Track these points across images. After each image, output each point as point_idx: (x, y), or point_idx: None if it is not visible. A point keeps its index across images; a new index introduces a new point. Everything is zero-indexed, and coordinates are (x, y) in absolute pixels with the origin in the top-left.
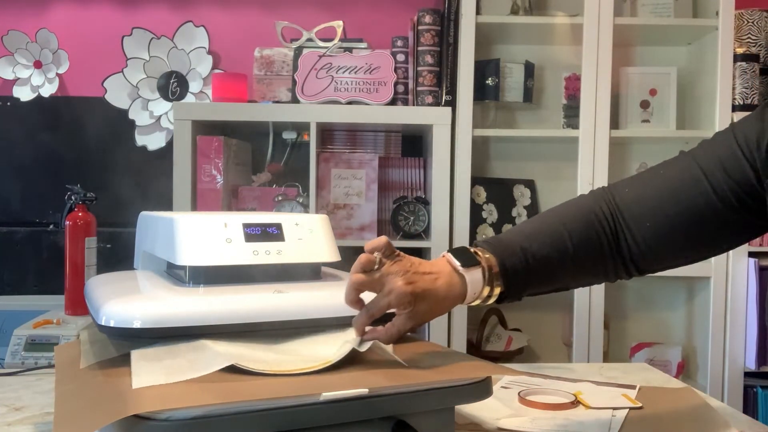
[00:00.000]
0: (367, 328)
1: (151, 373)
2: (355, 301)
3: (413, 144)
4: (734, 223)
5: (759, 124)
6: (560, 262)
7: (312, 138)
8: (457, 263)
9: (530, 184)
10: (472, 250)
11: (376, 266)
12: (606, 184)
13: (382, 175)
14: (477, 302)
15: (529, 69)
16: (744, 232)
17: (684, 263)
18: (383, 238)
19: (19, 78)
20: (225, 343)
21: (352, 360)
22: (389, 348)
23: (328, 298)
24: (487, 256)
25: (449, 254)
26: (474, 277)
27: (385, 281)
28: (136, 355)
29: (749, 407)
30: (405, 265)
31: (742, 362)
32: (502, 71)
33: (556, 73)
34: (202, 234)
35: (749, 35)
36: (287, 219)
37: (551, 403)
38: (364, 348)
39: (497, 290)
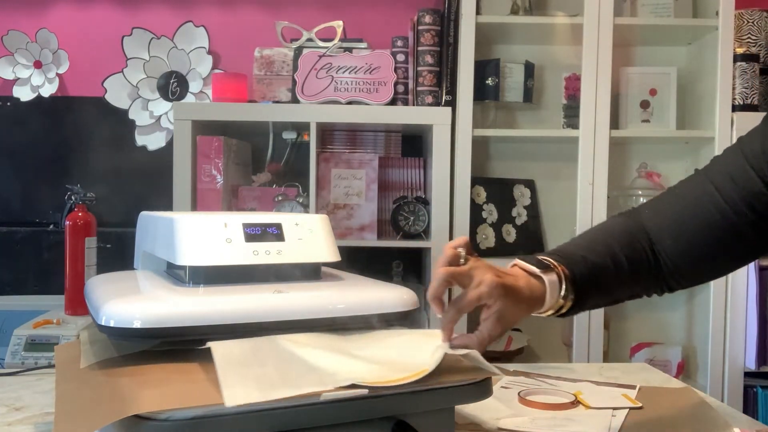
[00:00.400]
0: (455, 334)
1: (244, 386)
2: (440, 298)
3: (413, 144)
4: (752, 233)
5: (763, 133)
6: (616, 273)
7: (312, 138)
8: (533, 268)
9: (530, 184)
10: (539, 257)
11: (462, 261)
12: (606, 186)
13: (382, 175)
14: (549, 312)
15: (529, 69)
16: (763, 242)
17: (710, 278)
18: (464, 237)
19: (19, 78)
20: (304, 343)
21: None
22: (480, 356)
23: (328, 298)
24: (556, 263)
25: (521, 261)
26: (552, 279)
27: (473, 274)
28: (219, 355)
29: (749, 407)
30: (486, 263)
31: (742, 362)
32: (502, 71)
33: (556, 73)
34: (202, 234)
35: (749, 35)
36: (287, 219)
37: (551, 403)
38: (458, 353)
39: (569, 303)
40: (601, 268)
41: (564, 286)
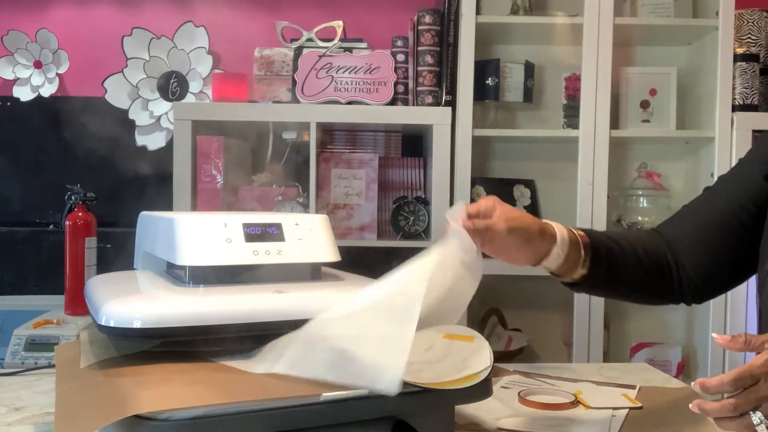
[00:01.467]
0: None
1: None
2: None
3: (413, 144)
4: (756, 230)
5: (755, 145)
6: (637, 262)
7: (312, 138)
8: (549, 222)
9: (530, 184)
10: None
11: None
12: (606, 186)
13: (382, 175)
14: (563, 276)
15: (529, 69)
16: None
17: (734, 281)
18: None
19: (19, 78)
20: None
21: None
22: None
23: (328, 298)
24: (574, 229)
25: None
26: (561, 231)
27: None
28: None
29: None
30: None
31: (742, 362)
32: (502, 71)
33: (556, 73)
34: (202, 234)
35: (749, 35)
36: (287, 219)
37: (551, 403)
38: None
39: (586, 267)
40: (620, 252)
41: (571, 245)
